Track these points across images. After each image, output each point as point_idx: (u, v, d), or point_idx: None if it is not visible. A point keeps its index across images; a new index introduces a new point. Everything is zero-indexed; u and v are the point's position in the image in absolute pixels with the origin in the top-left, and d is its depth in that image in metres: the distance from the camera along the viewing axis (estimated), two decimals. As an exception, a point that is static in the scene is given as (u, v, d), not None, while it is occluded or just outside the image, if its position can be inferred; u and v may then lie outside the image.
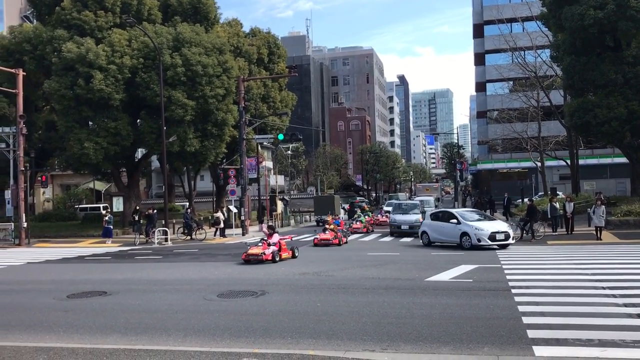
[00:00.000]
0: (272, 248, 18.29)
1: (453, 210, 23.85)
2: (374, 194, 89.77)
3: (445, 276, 14.16)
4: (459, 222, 21.97)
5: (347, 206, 51.33)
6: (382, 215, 40.43)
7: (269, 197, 44.58)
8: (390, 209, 46.63)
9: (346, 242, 25.30)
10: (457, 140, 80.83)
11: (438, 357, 7.23)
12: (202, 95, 31.57)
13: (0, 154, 36.70)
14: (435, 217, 23.91)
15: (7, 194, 33.40)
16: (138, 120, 33.92)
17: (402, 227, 29.43)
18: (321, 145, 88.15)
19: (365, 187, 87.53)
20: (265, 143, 50.70)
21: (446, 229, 22.53)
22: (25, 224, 29.54)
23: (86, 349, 7.81)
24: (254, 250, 18.24)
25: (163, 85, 29.87)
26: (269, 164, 61.30)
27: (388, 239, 28.37)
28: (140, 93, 31.27)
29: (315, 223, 39.69)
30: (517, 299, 10.85)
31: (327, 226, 25.67)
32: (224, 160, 39.69)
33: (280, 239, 19.14)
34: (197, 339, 8.56)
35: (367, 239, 28.66)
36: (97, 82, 29.53)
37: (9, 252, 26.40)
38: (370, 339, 8.20)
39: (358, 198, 65.99)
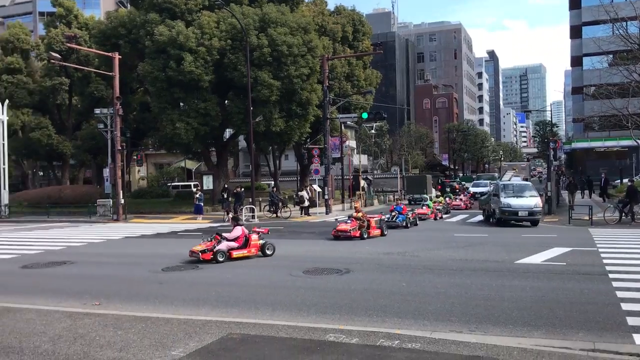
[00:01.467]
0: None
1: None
2: (460, 174, 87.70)
3: (537, 259, 13.69)
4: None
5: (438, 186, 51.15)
6: (456, 199, 37.91)
7: (352, 177, 44.66)
8: (477, 189, 45.71)
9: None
10: (551, 117, 77.23)
11: (529, 341, 7.03)
12: (287, 75, 31.93)
13: (98, 134, 39.02)
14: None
15: (106, 172, 35.47)
16: (226, 101, 34.85)
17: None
18: (406, 123, 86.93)
19: (451, 166, 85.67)
20: (348, 122, 50.65)
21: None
22: (122, 201, 31.31)
23: (180, 319, 8.21)
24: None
25: (250, 66, 30.47)
26: (352, 143, 61.32)
27: (475, 220, 27.74)
28: (228, 74, 32.08)
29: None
30: (615, 284, 10.32)
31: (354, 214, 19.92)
32: (308, 140, 40.08)
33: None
34: (285, 313, 8.79)
35: (453, 220, 28.17)
36: (187, 64, 30.55)
37: (108, 226, 28.16)
38: (458, 321, 8.09)
39: (449, 178, 65.04)
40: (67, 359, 6.43)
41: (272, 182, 47.64)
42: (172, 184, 54.34)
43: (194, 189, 40.05)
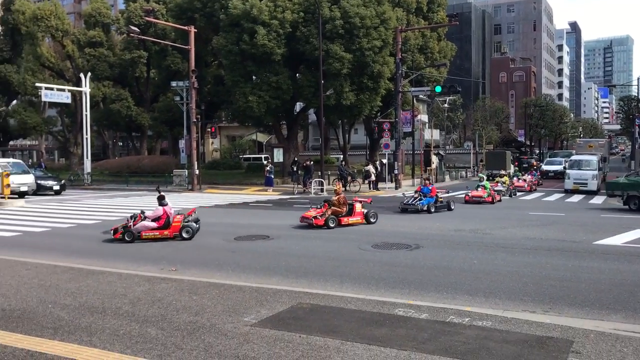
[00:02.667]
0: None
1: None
2: (537, 151, 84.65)
3: (617, 240, 13.10)
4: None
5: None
6: (520, 180, 32.32)
7: (423, 152, 44.03)
8: (550, 167, 44.11)
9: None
10: (638, 92, 72.81)
11: (607, 324, 6.77)
12: (359, 48, 31.63)
13: (175, 106, 40.22)
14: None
15: (181, 144, 36.61)
16: (297, 75, 34.99)
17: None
18: (481, 97, 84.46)
19: (527, 143, 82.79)
20: (421, 96, 49.80)
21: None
22: (197, 172, 32.29)
23: (252, 287, 8.45)
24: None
25: (321, 39, 30.37)
26: (424, 117, 60.26)
27: (552, 198, 26.80)
28: (299, 47, 32.14)
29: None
30: None
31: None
32: (379, 114, 39.73)
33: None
34: (353, 286, 8.86)
35: (528, 197, 27.33)
36: (260, 37, 30.81)
37: (183, 196, 29.18)
38: (531, 300, 7.90)
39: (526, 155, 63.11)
40: (146, 321, 6.77)
41: (341, 156, 47.74)
42: (244, 156, 55.50)
43: (265, 162, 40.75)
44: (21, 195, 27.27)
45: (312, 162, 31.81)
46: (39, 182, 29.85)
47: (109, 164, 47.43)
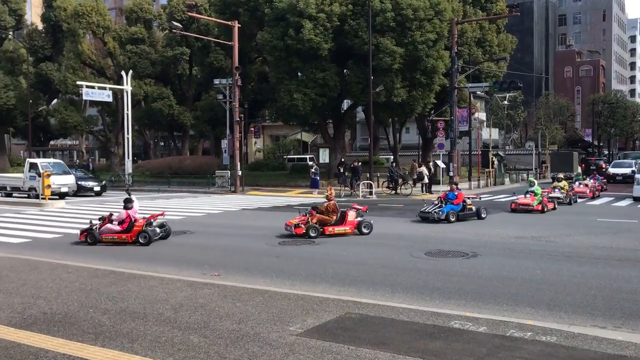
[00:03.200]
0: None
1: None
2: (606, 152, 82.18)
3: (699, 251, 12.56)
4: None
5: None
6: (581, 185, 29.46)
7: (480, 152, 43.36)
8: (617, 170, 42.01)
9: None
10: None
11: (687, 344, 6.49)
12: (412, 42, 31.43)
13: (217, 105, 40.90)
14: None
15: (224, 144, 37.23)
16: (345, 71, 35.03)
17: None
18: (544, 94, 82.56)
19: (595, 143, 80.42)
20: (478, 92, 49.07)
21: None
22: (240, 173, 32.73)
23: (297, 294, 8.48)
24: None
25: (371, 32, 30.31)
26: (482, 115, 59.30)
27: (622, 203, 25.92)
28: (347, 41, 32.17)
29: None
30: None
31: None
32: (432, 112, 39.34)
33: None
34: (405, 296, 8.80)
35: (596, 202, 26.52)
36: (306, 31, 30.98)
37: (226, 198, 29.60)
38: (600, 315, 7.66)
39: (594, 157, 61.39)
40: (188, 328, 6.89)
41: (392, 157, 47.52)
42: (288, 156, 55.90)
43: (310, 163, 40.93)
44: (61, 196, 28.28)
45: (360, 163, 31.76)
46: (79, 182, 30.86)
47: (151, 164, 48.63)
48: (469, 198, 19.45)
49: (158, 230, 14.60)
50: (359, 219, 15.37)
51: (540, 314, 7.77)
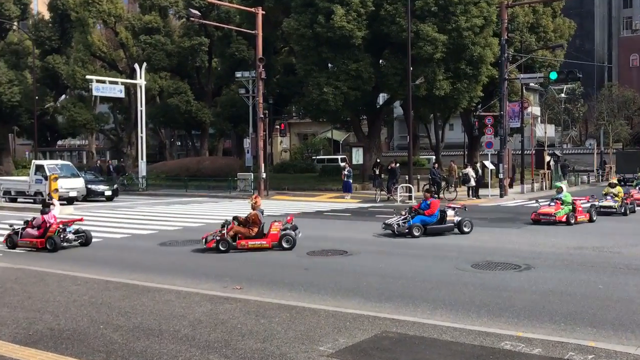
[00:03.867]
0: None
1: None
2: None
3: None
4: None
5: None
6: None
7: (534, 152, 42.88)
8: None
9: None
10: None
11: None
12: (456, 28, 31.22)
13: (239, 100, 41.20)
14: None
15: (247, 143, 37.46)
16: (380, 61, 34.95)
17: None
18: (606, 85, 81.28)
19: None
20: (532, 84, 48.40)
21: None
22: (264, 175, 32.89)
23: (328, 311, 8.49)
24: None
25: (410, 18, 30.17)
26: (536, 110, 58.62)
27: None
28: (384, 29, 32.11)
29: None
30: None
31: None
32: (479, 106, 39.01)
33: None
34: (448, 313, 8.75)
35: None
36: (337, 18, 31.02)
37: (249, 203, 29.74)
38: (673, 336, 7.51)
39: None
40: (208, 347, 6.95)
41: (434, 157, 47.25)
42: (317, 157, 55.97)
43: (342, 164, 40.92)
44: (70, 201, 28.75)
45: (398, 164, 31.63)
46: (89, 186, 31.34)
47: (166, 166, 49.18)
48: (452, 208, 17.93)
49: (72, 236, 15.61)
50: (284, 231, 14.90)
51: (604, 334, 7.65)
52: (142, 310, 8.67)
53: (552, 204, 20.09)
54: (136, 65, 41.44)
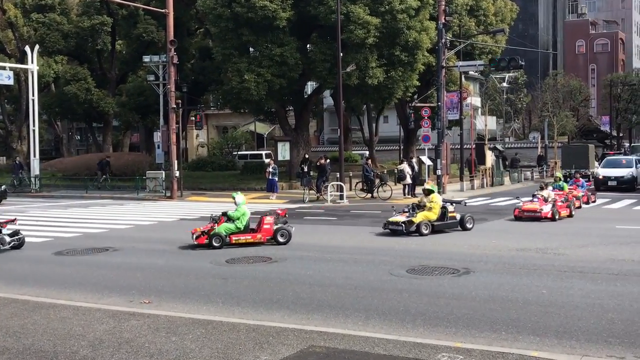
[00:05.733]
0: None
1: None
2: (626, 144, 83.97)
3: None
4: None
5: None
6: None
7: (474, 146, 43.91)
8: (611, 172, 38.18)
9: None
10: None
11: None
12: (389, 10, 31.63)
13: (148, 88, 40.52)
14: None
15: (157, 137, 36.78)
16: (308, 46, 35.08)
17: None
18: (551, 74, 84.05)
19: (613, 133, 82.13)
20: (471, 72, 49.66)
21: None
22: (177, 173, 32.45)
23: (249, 325, 8.47)
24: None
25: (340, -2, 30.41)
26: (476, 100, 60.07)
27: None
28: (311, 10, 32.22)
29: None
30: None
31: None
32: (415, 97, 39.66)
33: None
34: (382, 323, 8.85)
35: (615, 206, 27.12)
36: (259, -4, 30.95)
37: (160, 205, 29.32)
38: (619, 343, 7.83)
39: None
40: (111, 369, 6.81)
41: (367, 152, 47.75)
42: (239, 152, 55.75)
43: (266, 160, 40.86)
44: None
45: (328, 160, 31.81)
46: (-30, 188, 30.21)
47: (63, 163, 47.94)
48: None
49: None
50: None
51: (547, 342, 7.89)
52: (33, 329, 8.42)
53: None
54: (27, 48, 40.09)
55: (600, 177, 36.32)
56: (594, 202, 27.90)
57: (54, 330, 8.35)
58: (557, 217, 20.86)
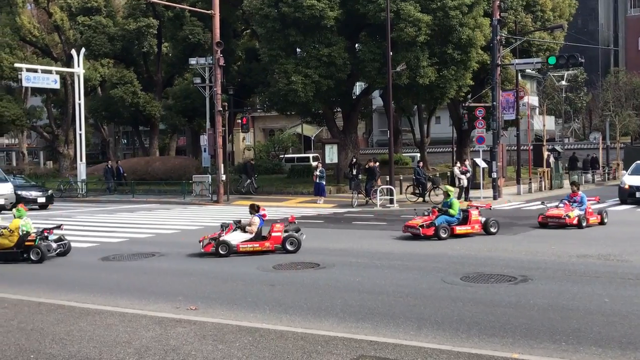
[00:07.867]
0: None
1: None
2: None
3: None
4: None
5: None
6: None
7: (531, 147, 43.34)
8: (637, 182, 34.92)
9: (602, 222, 20.53)
10: None
11: None
12: (441, 7, 31.44)
13: (194, 91, 40.99)
14: None
15: (203, 140, 37.18)
16: (356, 45, 35.06)
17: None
18: (612, 72, 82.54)
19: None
20: (528, 70, 49.05)
21: None
22: (223, 177, 32.75)
23: (297, 333, 8.48)
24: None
25: (389, -4, 30.33)
26: (533, 100, 59.30)
27: None
28: (359, 8, 32.20)
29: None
30: None
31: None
32: (469, 96, 39.32)
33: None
34: (435, 333, 8.77)
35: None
36: (306, -5, 31.07)
37: (206, 210, 29.62)
38: (688, 355, 7.62)
39: None
40: (157, 377, 6.88)
41: (418, 155, 47.48)
42: (286, 155, 55.96)
43: (314, 163, 40.94)
44: (-4, 209, 28.27)
45: (377, 163, 31.72)
46: (19, 192, 30.91)
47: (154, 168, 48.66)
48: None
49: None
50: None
51: (610, 354, 7.74)
52: (79, 336, 8.56)
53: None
54: (73, 51, 40.99)
55: (626, 186, 29.35)
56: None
57: (100, 337, 8.48)
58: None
